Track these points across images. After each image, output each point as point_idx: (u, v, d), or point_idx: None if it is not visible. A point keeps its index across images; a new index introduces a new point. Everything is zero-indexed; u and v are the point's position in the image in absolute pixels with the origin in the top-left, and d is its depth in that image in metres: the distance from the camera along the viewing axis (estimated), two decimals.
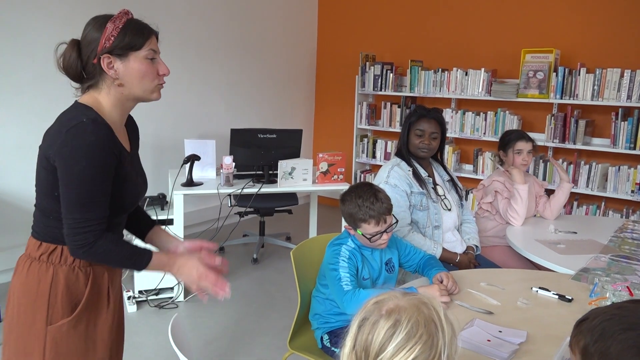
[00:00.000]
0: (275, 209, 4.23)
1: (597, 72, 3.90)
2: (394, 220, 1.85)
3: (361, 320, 0.88)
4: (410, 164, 2.44)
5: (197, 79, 4.66)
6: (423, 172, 2.45)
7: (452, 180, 2.60)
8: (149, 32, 1.34)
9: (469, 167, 4.84)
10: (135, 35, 1.30)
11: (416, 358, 0.82)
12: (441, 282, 1.77)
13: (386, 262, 1.95)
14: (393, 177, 2.37)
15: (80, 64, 1.31)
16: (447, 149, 4.76)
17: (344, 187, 3.53)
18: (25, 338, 1.30)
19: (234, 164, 3.40)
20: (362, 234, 1.82)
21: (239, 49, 5.01)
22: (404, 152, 2.47)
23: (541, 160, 4.28)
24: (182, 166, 3.35)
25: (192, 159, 3.35)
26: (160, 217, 3.17)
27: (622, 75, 3.81)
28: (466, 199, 4.70)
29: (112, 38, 1.28)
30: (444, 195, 2.48)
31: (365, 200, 1.80)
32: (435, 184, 2.48)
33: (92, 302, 1.36)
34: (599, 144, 4.12)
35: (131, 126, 1.48)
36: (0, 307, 2.94)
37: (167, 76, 1.39)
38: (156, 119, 4.31)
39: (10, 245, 3.45)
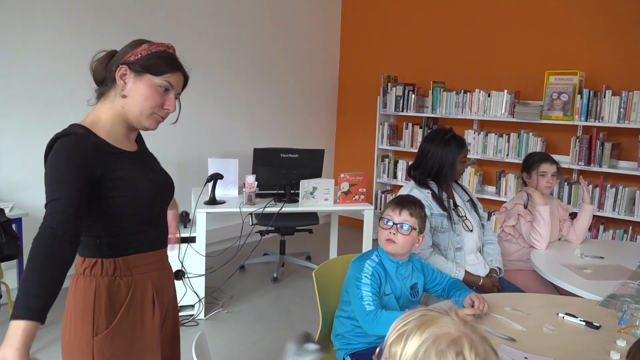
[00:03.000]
0: (296, 228, 4.25)
1: (623, 95, 3.86)
2: (415, 230, 1.85)
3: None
4: (429, 187, 2.42)
5: (221, 100, 4.75)
6: (443, 194, 2.44)
7: (471, 200, 2.58)
8: (176, 69, 1.38)
9: (491, 188, 4.79)
10: (160, 63, 1.35)
11: None
12: (472, 304, 1.74)
13: (411, 287, 1.93)
14: None
15: (104, 71, 1.38)
16: (469, 170, 4.73)
17: (365, 207, 3.53)
18: (76, 351, 1.33)
19: (256, 182, 3.43)
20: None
21: (262, 70, 5.10)
22: (421, 177, 2.43)
23: (566, 183, 4.22)
24: (205, 184, 3.40)
25: (215, 177, 3.40)
26: (183, 235, 3.21)
27: None
28: (489, 220, 4.65)
29: (139, 55, 1.34)
30: (465, 216, 2.46)
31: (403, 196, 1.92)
32: (455, 205, 2.46)
33: (135, 310, 1.38)
34: (625, 167, 4.05)
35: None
36: None
37: (172, 111, 1.41)
38: (181, 138, 4.39)
39: None
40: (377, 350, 0.91)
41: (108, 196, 1.32)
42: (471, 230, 2.43)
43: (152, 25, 4.04)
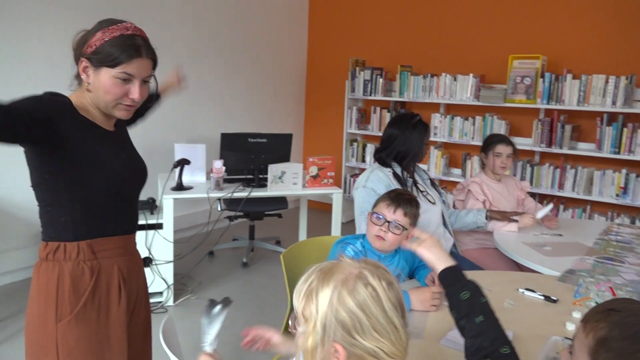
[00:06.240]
0: (265, 213, 4.24)
1: (583, 78, 3.97)
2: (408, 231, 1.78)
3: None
4: (391, 167, 2.50)
5: (187, 83, 4.66)
6: (404, 174, 2.52)
7: (430, 179, 2.70)
8: (132, 56, 1.28)
9: (457, 171, 4.88)
10: (114, 54, 1.27)
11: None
12: (432, 281, 1.79)
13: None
14: (371, 181, 2.41)
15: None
16: (436, 153, 4.81)
17: (334, 191, 3.55)
18: (40, 337, 1.31)
19: (224, 168, 3.41)
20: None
21: (230, 54, 5.03)
22: (386, 159, 2.51)
23: (528, 165, 4.34)
24: (172, 170, 3.35)
25: (182, 163, 3.36)
26: (149, 222, 3.17)
27: (607, 82, 3.88)
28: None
29: (94, 47, 1.28)
30: (426, 191, 2.54)
31: (400, 191, 1.86)
32: (415, 182, 2.54)
33: (100, 296, 1.36)
34: (584, 148, 4.19)
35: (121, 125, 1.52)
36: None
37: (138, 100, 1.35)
38: (146, 123, 4.26)
39: (4, 248, 3.44)
40: (291, 322, 0.96)
41: (74, 163, 1.29)
42: (434, 203, 2.50)
43: (115, 7, 3.92)
